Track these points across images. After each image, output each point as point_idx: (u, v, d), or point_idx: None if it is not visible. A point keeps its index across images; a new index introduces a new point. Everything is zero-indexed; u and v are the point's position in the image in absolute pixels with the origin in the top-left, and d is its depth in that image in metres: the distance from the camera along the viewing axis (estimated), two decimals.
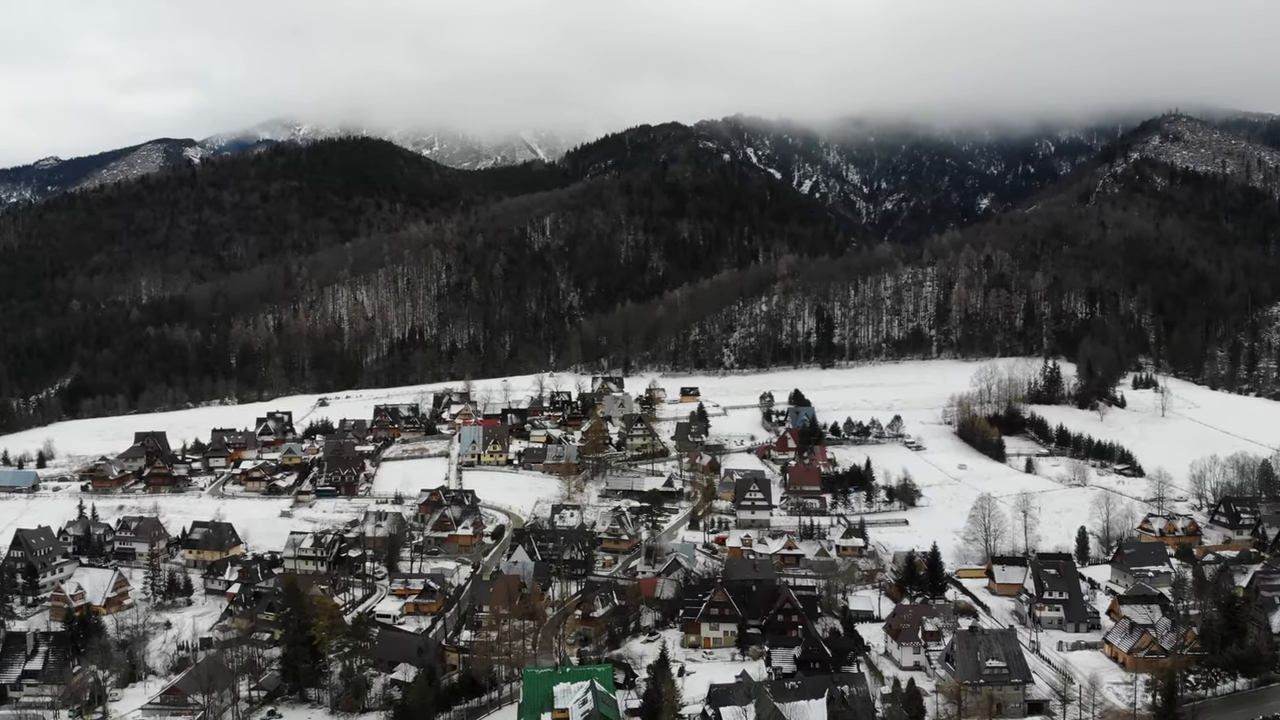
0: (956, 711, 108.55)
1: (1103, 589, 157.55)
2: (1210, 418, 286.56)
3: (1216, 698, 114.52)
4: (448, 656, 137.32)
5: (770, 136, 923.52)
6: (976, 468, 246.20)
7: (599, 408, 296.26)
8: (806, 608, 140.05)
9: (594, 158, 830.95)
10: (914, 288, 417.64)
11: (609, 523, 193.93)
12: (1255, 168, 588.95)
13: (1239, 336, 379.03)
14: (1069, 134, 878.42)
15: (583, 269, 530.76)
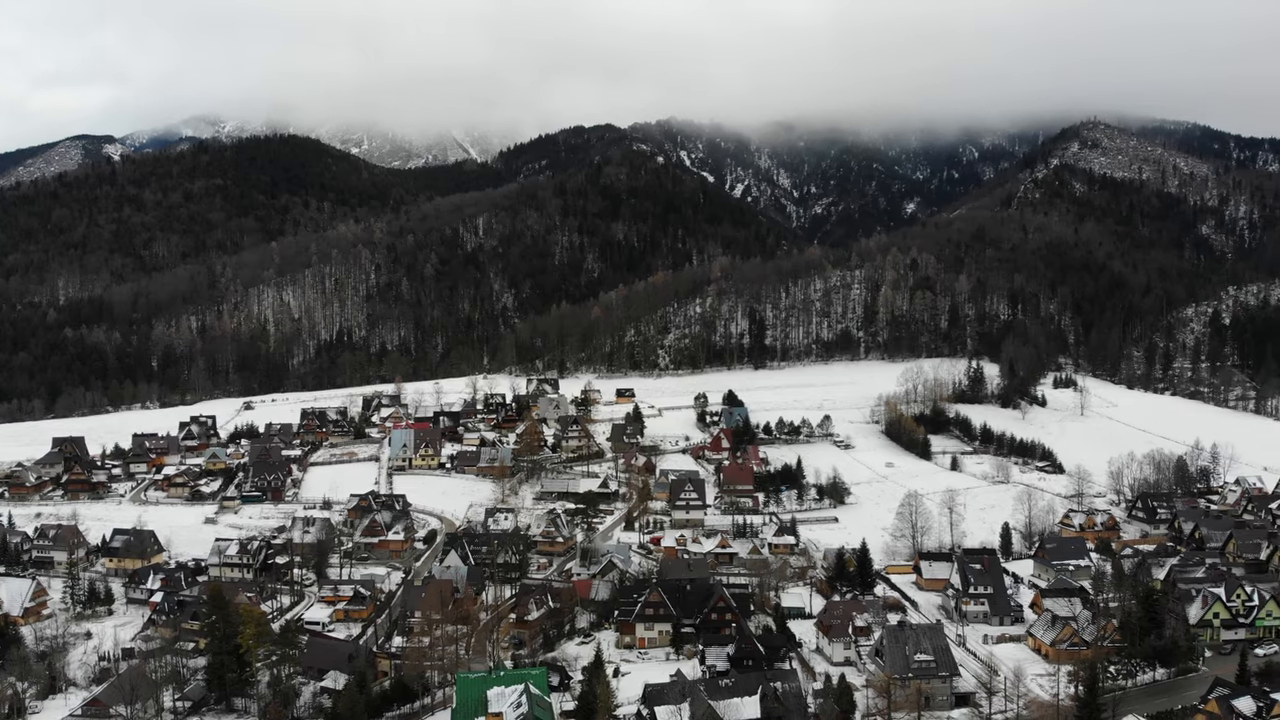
0: (886, 705, 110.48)
1: (1026, 583, 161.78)
2: (1127, 416, 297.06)
3: (1137, 688, 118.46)
4: (379, 663, 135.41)
5: (703, 140, 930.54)
6: (904, 466, 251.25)
7: (534, 410, 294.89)
8: (740, 606, 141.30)
9: (528, 158, 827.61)
10: (843, 290, 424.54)
11: (544, 525, 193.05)
12: (1170, 174, 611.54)
13: (1154, 337, 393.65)
14: (992, 140, 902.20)
15: (517, 270, 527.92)
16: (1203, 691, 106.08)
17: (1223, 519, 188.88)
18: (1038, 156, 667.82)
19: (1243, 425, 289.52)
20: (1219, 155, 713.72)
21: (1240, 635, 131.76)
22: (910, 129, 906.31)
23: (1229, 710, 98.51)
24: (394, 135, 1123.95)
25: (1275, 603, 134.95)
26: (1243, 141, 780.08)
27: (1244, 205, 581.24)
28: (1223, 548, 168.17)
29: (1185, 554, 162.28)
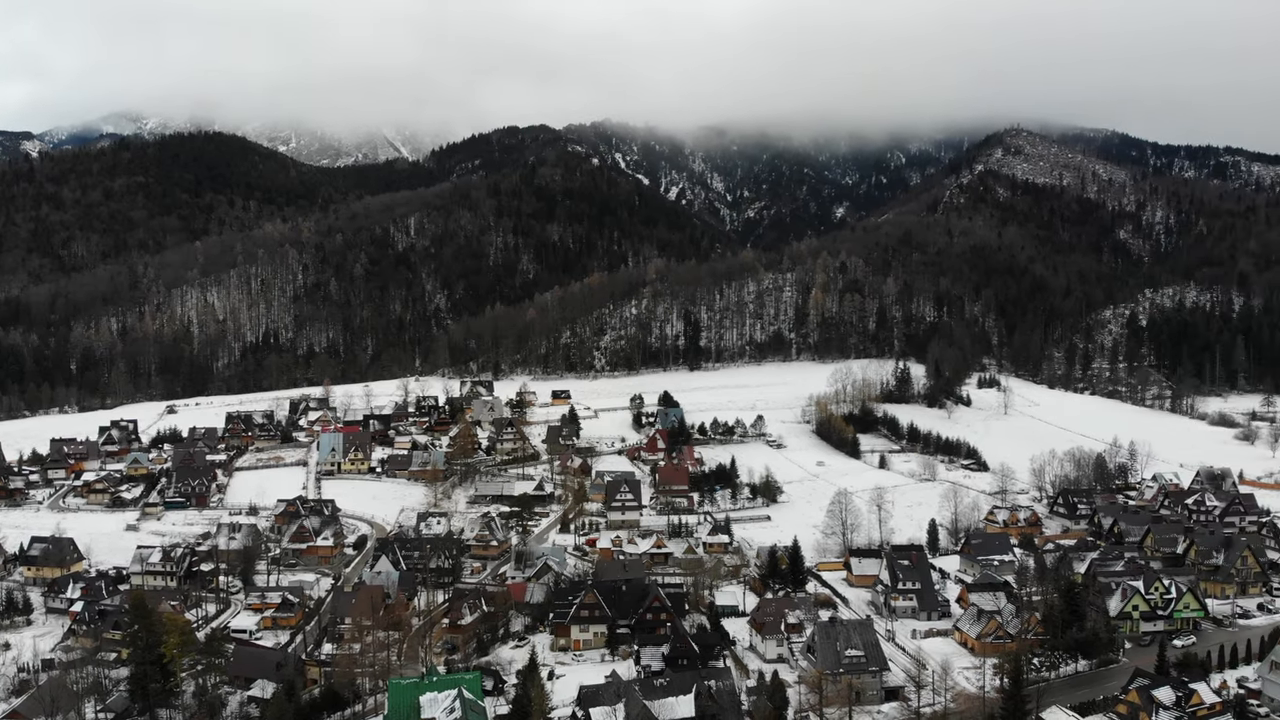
0: (818, 701, 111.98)
1: (952, 578, 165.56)
2: (1048, 415, 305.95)
3: (1060, 679, 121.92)
4: (308, 671, 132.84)
5: (637, 142, 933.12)
6: (834, 464, 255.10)
7: (468, 412, 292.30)
8: (675, 605, 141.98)
9: (460, 157, 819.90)
10: (775, 293, 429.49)
11: (478, 529, 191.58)
12: (1090, 180, 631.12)
13: (1074, 339, 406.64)
14: (919, 146, 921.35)
15: (450, 270, 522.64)
16: (1123, 682, 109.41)
17: (1141, 514, 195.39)
18: (963, 163, 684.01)
19: (1159, 424, 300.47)
20: (1136, 162, 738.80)
21: (1159, 627, 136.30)
22: (840, 135, 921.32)
23: (1149, 700, 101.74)
24: (323, 133, 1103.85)
25: (1192, 595, 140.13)
26: (1159, 149, 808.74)
27: (1160, 210, 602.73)
28: (1141, 542, 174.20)
29: (1105, 548, 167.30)
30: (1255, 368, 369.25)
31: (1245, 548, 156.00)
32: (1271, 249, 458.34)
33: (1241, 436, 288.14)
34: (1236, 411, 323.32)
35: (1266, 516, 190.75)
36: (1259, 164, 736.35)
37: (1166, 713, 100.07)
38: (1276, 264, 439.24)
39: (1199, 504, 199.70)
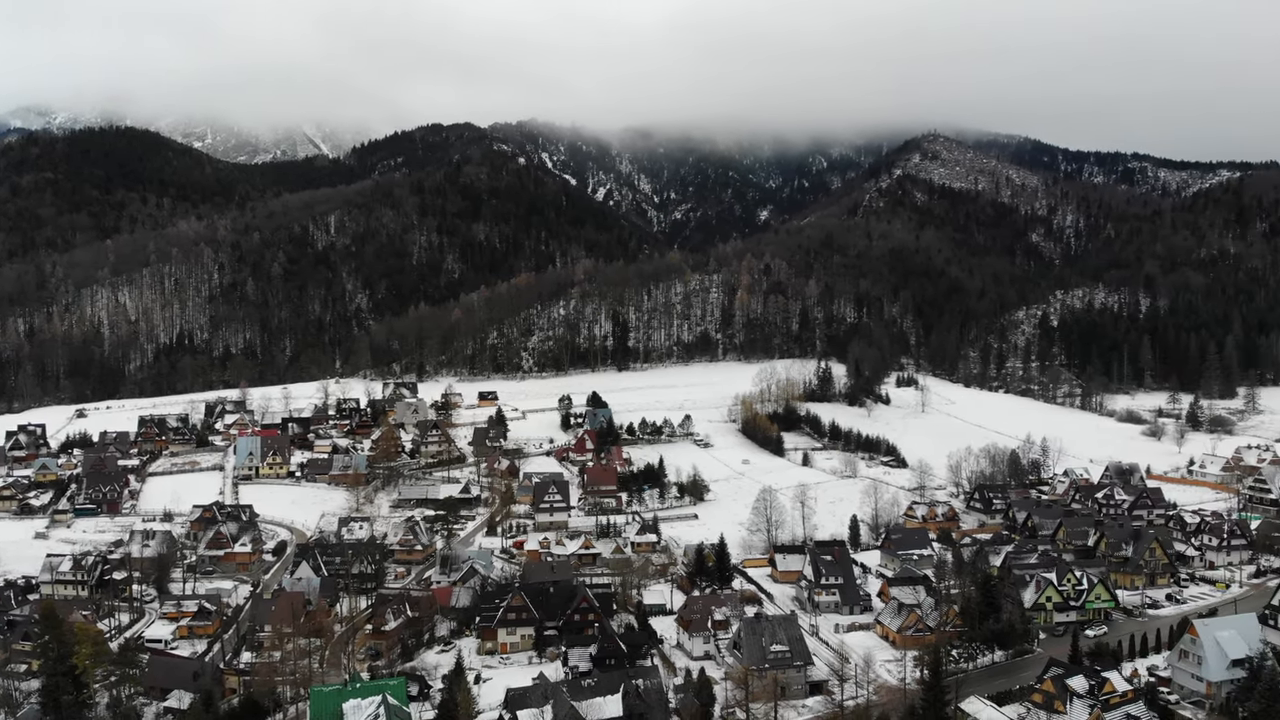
0: (744, 697, 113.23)
1: (874, 573, 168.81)
2: (964, 413, 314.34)
3: (977, 670, 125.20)
4: (227, 680, 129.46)
5: (564, 143, 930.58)
6: (759, 462, 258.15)
7: (390, 414, 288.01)
8: (603, 605, 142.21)
9: (382, 155, 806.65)
10: (702, 294, 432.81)
11: (402, 533, 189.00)
12: (1004, 184, 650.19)
13: (989, 339, 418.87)
14: (840, 151, 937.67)
15: (371, 270, 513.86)
16: (1039, 672, 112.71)
17: (1053, 508, 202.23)
18: (882, 167, 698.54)
19: (1070, 420, 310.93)
20: (1048, 167, 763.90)
21: (1071, 617, 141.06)
22: (763, 139, 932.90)
23: (1063, 689, 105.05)
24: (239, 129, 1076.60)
25: (1103, 586, 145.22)
26: (1070, 155, 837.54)
27: (1071, 214, 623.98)
28: (1054, 535, 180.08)
29: (1019, 542, 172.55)
30: (1161, 366, 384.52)
31: (1153, 540, 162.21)
32: (1176, 252, 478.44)
33: (1148, 433, 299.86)
34: (1143, 409, 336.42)
35: (1173, 510, 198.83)
36: (1165, 170, 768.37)
37: (1080, 701, 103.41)
38: (1181, 267, 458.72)
39: (1108, 498, 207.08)
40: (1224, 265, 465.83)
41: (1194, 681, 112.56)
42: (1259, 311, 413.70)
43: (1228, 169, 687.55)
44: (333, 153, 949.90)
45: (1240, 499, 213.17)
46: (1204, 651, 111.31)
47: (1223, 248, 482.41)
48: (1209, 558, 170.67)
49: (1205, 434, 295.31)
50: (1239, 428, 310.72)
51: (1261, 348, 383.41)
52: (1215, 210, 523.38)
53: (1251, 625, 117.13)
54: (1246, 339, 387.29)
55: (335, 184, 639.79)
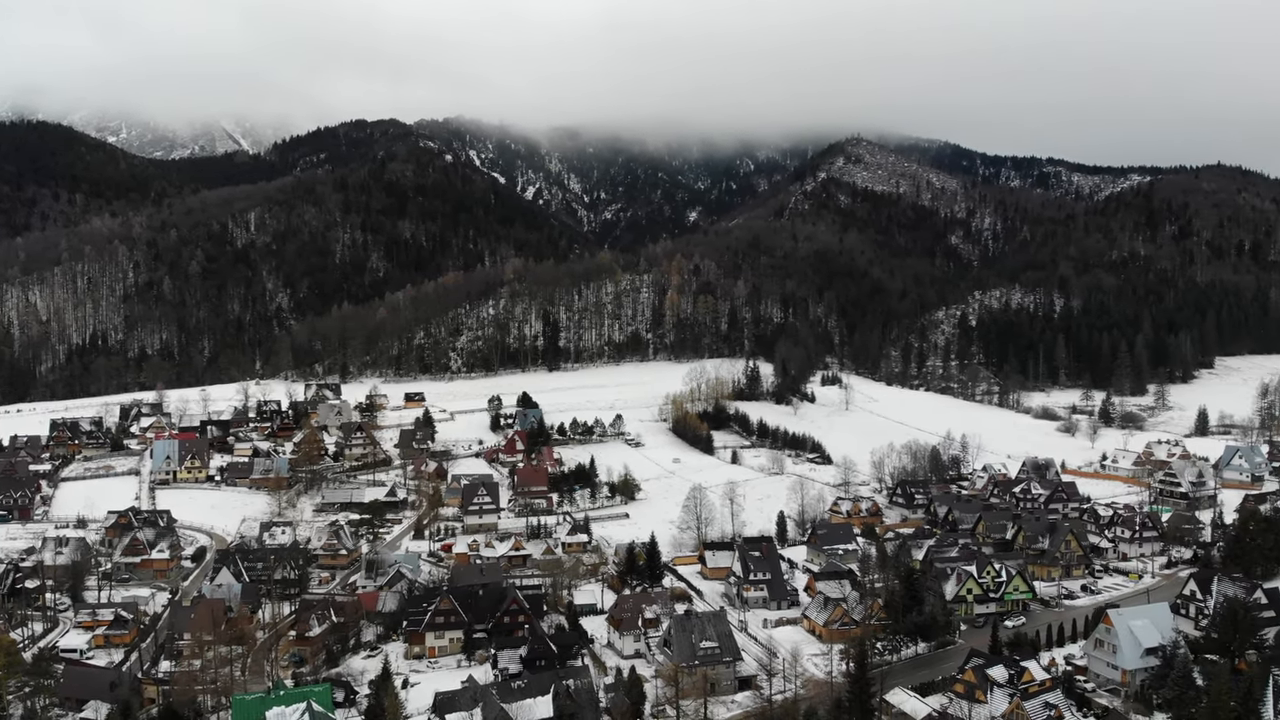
0: (674, 694, 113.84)
1: (800, 568, 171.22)
2: (887, 410, 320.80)
3: (901, 662, 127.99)
4: (145, 690, 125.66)
5: (492, 140, 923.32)
6: (689, 461, 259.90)
7: (313, 416, 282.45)
8: (533, 607, 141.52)
9: (304, 151, 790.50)
10: (632, 294, 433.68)
11: (326, 538, 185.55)
12: (924, 188, 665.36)
13: (910, 338, 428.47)
14: (766, 154, 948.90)
15: (293, 268, 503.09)
16: (960, 662, 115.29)
17: (973, 503, 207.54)
18: (807, 170, 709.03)
19: (988, 417, 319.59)
20: (967, 171, 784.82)
21: (991, 609, 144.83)
22: (691, 141, 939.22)
23: (984, 679, 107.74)
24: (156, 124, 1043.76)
25: (1021, 578, 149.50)
26: (988, 159, 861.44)
27: (988, 217, 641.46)
28: (973, 529, 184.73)
29: (941, 535, 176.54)
30: (1075, 365, 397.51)
31: (1068, 533, 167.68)
32: (1089, 254, 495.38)
33: (1063, 429, 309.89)
34: (1058, 406, 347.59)
35: (1087, 503, 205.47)
36: (1079, 174, 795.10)
37: (1000, 690, 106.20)
38: (1094, 268, 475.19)
39: (1025, 492, 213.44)
40: (1134, 267, 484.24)
41: (1109, 670, 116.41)
42: (1168, 311, 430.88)
43: (1138, 173, 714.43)
44: (253, 149, 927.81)
45: (1151, 492, 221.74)
46: (1119, 640, 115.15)
47: (1133, 250, 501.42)
48: (1122, 549, 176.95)
49: (1117, 430, 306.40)
50: (1149, 423, 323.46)
51: (1170, 346, 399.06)
52: (1126, 213, 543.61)
53: (1164, 615, 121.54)
54: (1156, 338, 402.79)
55: (256, 180, 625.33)
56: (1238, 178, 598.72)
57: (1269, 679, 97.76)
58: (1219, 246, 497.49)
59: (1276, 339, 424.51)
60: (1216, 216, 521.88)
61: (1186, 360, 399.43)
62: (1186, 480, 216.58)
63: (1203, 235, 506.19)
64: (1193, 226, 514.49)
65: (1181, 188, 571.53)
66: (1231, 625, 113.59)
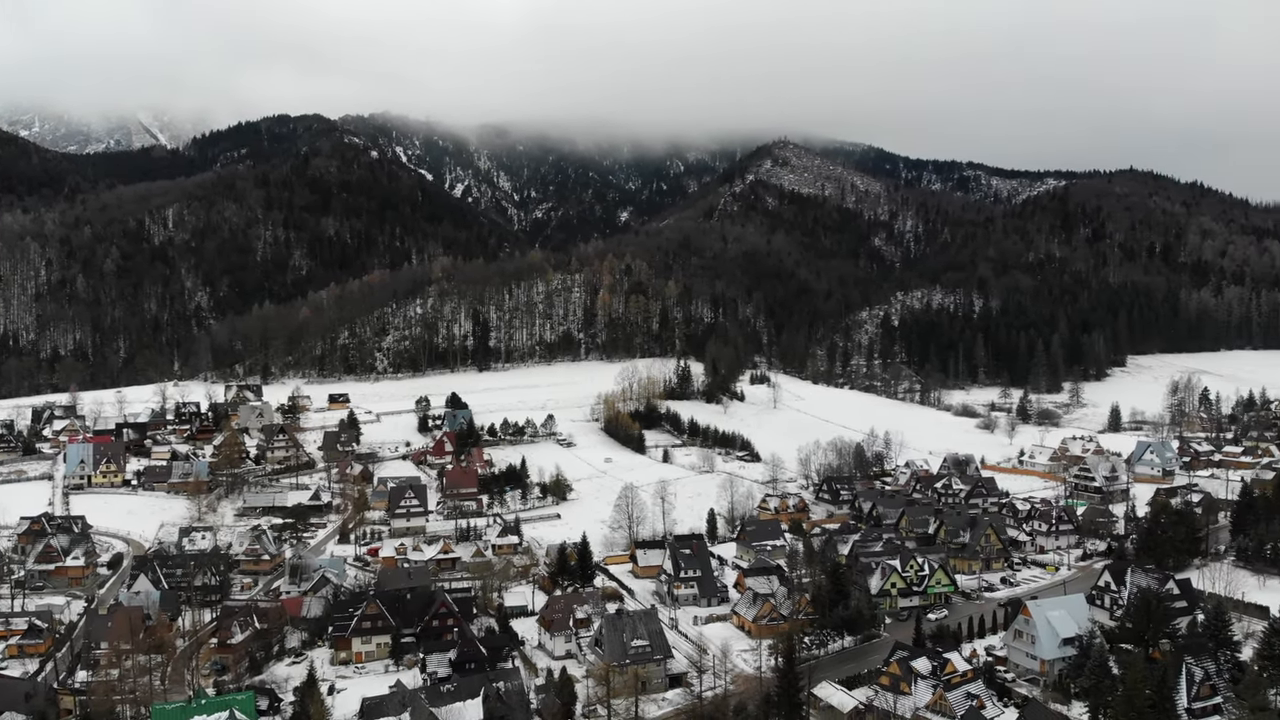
0: (605, 693, 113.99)
1: (730, 564, 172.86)
2: (814, 408, 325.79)
3: (828, 655, 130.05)
4: (61, 700, 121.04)
5: (419, 137, 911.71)
6: (621, 460, 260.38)
7: (234, 419, 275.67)
8: (463, 610, 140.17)
9: (225, 146, 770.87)
10: (564, 293, 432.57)
11: (248, 543, 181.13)
12: (849, 191, 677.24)
13: (835, 338, 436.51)
14: (696, 155, 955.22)
15: (213, 266, 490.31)
16: (885, 655, 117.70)
17: (896, 498, 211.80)
18: (735, 172, 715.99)
19: (911, 415, 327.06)
20: (890, 175, 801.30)
21: (915, 602, 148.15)
22: (621, 141, 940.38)
23: (908, 671, 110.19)
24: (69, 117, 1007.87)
25: (943, 571, 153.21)
26: (910, 163, 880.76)
27: (910, 220, 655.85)
28: (897, 524, 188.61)
29: (865, 531, 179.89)
30: (993, 363, 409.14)
31: (988, 527, 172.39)
32: (1007, 256, 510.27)
33: (982, 425, 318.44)
34: (978, 403, 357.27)
35: (1006, 498, 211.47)
36: (997, 178, 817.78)
37: (924, 682, 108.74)
38: (1012, 270, 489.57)
39: (947, 487, 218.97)
40: (1050, 268, 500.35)
41: (1028, 660, 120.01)
42: (1082, 311, 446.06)
43: (1054, 178, 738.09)
44: (171, 143, 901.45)
45: (1067, 487, 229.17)
46: (1037, 631, 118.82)
47: (1049, 252, 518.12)
48: (1039, 542, 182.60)
49: (1034, 426, 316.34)
50: (1065, 420, 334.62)
51: (1084, 345, 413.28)
52: (1043, 216, 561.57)
53: (1080, 605, 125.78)
54: (1071, 337, 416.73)
55: (174, 176, 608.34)
56: (1149, 182, 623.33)
57: (1182, 667, 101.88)
58: (1131, 248, 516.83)
59: (1186, 338, 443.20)
60: (1129, 219, 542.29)
61: (1100, 359, 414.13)
62: (1100, 475, 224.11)
63: (1115, 238, 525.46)
64: (1106, 229, 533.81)
65: (1095, 192, 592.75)
66: (1145, 615, 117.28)
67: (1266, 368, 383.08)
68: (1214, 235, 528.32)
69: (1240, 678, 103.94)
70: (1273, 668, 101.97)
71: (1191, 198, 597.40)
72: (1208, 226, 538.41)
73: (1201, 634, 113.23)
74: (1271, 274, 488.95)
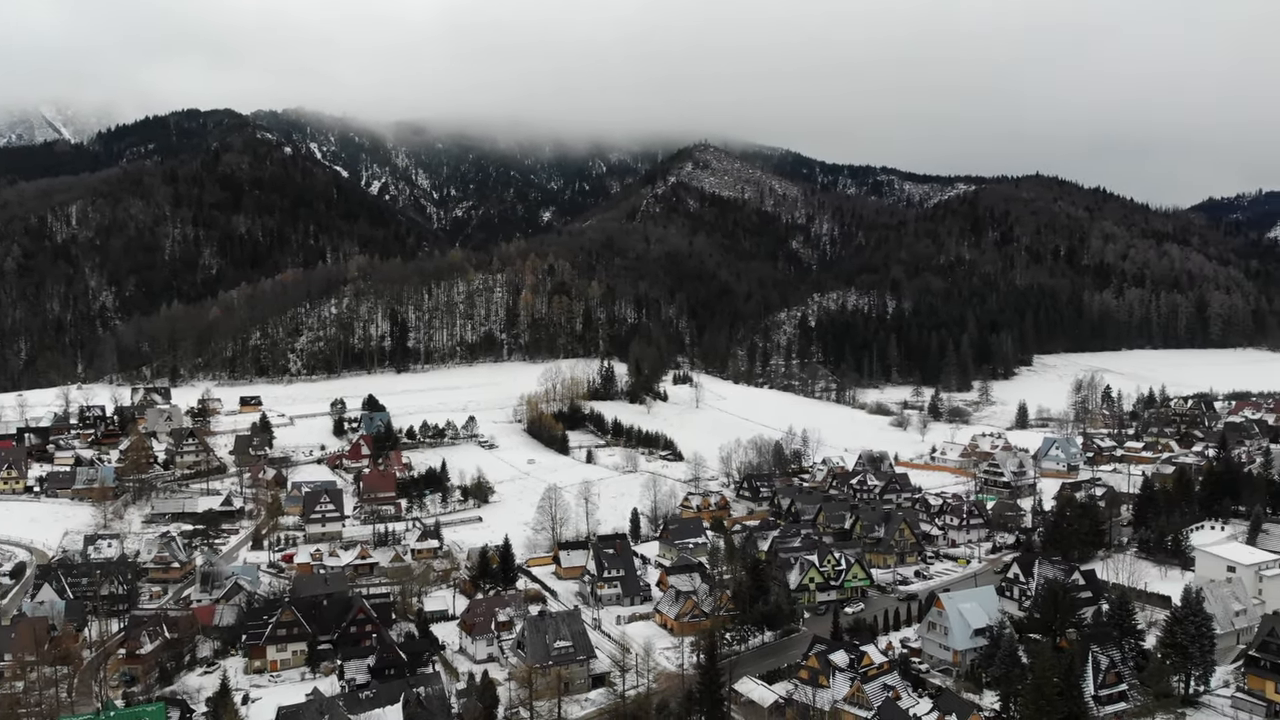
0: (528, 695, 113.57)
1: (653, 563, 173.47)
2: (734, 407, 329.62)
3: (749, 651, 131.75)
4: None
5: (335, 134, 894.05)
6: (544, 461, 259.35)
7: (141, 422, 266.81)
8: (381, 615, 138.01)
9: (132, 141, 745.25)
10: (485, 293, 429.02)
11: (157, 550, 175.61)
12: (768, 194, 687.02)
13: (755, 338, 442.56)
14: (618, 156, 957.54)
15: (118, 265, 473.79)
16: (804, 649, 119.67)
17: (814, 494, 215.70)
18: (658, 174, 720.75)
19: (827, 413, 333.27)
20: (807, 179, 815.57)
21: (832, 596, 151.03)
22: (543, 141, 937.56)
23: (827, 664, 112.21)
24: None
25: (859, 566, 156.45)
26: (826, 167, 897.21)
27: (827, 223, 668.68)
28: (815, 519, 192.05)
29: (784, 527, 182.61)
30: (906, 363, 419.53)
31: (902, 521, 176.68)
32: (919, 258, 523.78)
33: (896, 423, 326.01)
34: (891, 401, 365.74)
35: (919, 493, 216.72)
36: (910, 183, 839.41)
37: (842, 675, 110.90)
38: (924, 272, 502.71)
39: (862, 484, 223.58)
40: (960, 270, 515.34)
41: (942, 651, 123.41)
42: (991, 312, 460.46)
43: (964, 183, 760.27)
44: (75, 138, 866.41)
45: (977, 482, 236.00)
46: (949, 623, 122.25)
47: (959, 254, 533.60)
48: (951, 536, 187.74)
49: (945, 423, 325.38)
50: (974, 417, 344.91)
51: (993, 345, 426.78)
52: (953, 220, 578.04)
53: (990, 597, 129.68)
54: (980, 337, 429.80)
55: (78, 171, 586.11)
56: (1054, 187, 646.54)
57: (1088, 656, 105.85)
58: (1037, 251, 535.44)
59: (1089, 338, 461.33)
60: (1035, 223, 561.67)
61: (1008, 358, 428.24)
62: (1009, 470, 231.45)
63: (1022, 241, 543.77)
64: (1013, 233, 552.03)
65: (1003, 196, 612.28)
66: (1052, 605, 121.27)
67: (1165, 366, 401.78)
68: (1116, 239, 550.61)
69: (1144, 665, 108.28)
70: (1175, 655, 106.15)
71: (1095, 203, 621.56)
72: (1110, 231, 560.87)
73: (1106, 623, 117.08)
74: (1170, 276, 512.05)
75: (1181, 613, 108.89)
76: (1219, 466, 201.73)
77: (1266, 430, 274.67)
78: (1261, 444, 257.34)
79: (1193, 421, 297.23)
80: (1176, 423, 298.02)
